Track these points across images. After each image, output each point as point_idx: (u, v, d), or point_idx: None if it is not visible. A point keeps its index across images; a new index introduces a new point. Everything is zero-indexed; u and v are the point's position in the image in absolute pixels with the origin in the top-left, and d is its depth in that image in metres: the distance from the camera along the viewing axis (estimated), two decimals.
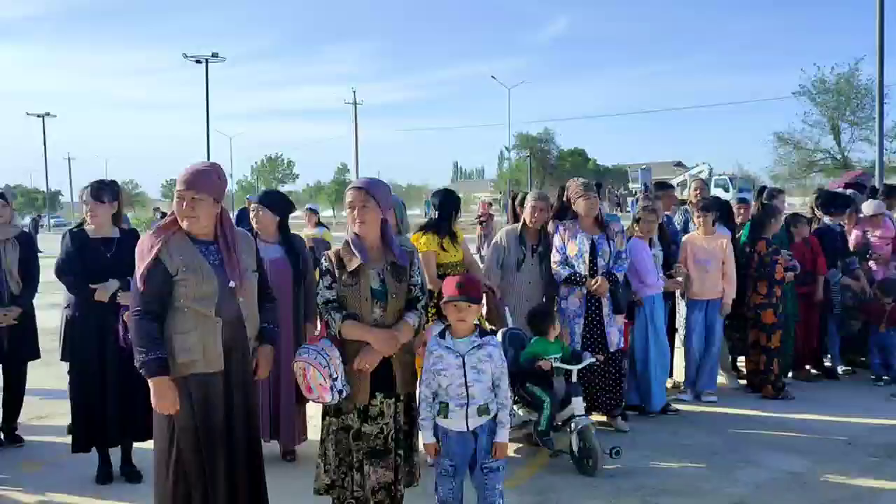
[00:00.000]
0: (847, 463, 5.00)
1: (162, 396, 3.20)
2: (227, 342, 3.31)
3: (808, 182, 38.58)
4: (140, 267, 3.24)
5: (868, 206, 7.76)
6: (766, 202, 6.98)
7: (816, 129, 37.87)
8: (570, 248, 5.62)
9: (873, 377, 7.10)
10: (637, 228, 6.24)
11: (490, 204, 15.57)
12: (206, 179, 3.30)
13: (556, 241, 5.69)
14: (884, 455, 5.15)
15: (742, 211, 7.24)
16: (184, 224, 3.31)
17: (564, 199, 5.85)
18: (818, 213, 7.70)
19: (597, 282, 5.53)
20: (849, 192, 8.36)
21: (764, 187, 7.92)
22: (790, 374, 7.08)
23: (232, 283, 3.31)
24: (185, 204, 3.27)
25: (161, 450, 3.33)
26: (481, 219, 20.80)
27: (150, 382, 3.20)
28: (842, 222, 7.67)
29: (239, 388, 3.38)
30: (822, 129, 37.85)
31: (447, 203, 5.48)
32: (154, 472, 3.39)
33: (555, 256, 5.67)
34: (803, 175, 36.80)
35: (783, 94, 37.96)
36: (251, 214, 5.11)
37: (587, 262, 5.59)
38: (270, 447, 5.18)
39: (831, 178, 30.36)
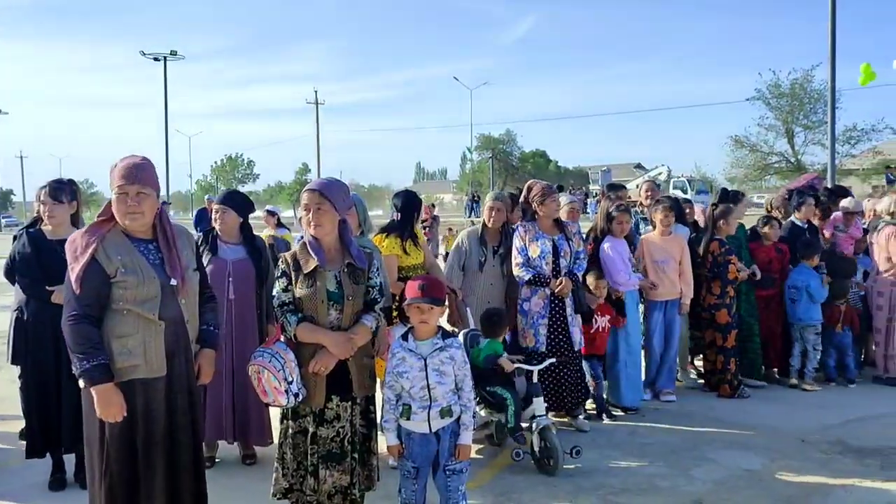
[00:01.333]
0: (801, 460, 5.10)
1: (108, 404, 3.03)
2: (169, 345, 3.17)
3: (763, 184, 39.44)
4: (75, 268, 3.06)
5: (848, 202, 8.01)
6: (718, 203, 7.01)
7: (771, 133, 38.90)
8: (531, 249, 5.65)
9: (826, 381, 7.12)
10: (611, 227, 6.30)
11: (433, 206, 15.22)
12: (148, 173, 3.16)
13: (517, 242, 5.70)
14: (835, 451, 5.26)
15: (688, 210, 7.34)
16: (126, 221, 3.14)
17: (525, 200, 5.87)
18: (779, 213, 7.81)
19: (561, 282, 5.57)
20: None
21: (725, 189, 8.03)
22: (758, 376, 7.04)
23: (174, 282, 3.17)
24: (129, 200, 3.10)
25: (91, 457, 3.18)
26: (424, 223, 20.62)
27: (94, 391, 3.03)
28: (810, 219, 7.61)
29: (182, 393, 3.24)
30: (777, 133, 38.89)
31: (408, 204, 5.44)
32: (87, 480, 3.26)
33: (516, 259, 5.69)
34: (758, 177, 37.63)
35: (741, 98, 38.68)
36: (214, 215, 5.05)
37: (550, 263, 5.63)
38: (231, 450, 5.13)
39: (786, 181, 31.07)
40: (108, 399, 3.04)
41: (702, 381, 7.12)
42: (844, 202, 8.05)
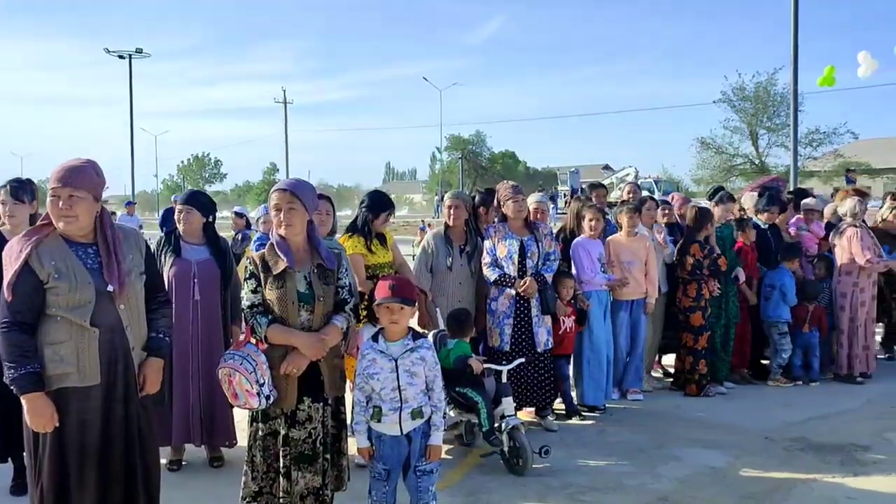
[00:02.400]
0: (765, 457, 5.19)
1: (38, 414, 2.94)
2: (106, 353, 3.06)
3: (728, 185, 40.02)
4: (7, 274, 2.97)
5: (809, 201, 8.23)
6: (699, 206, 7.04)
7: (736, 135, 39.55)
8: (499, 249, 5.70)
9: (791, 379, 7.21)
10: (581, 227, 6.34)
11: None
12: (84, 176, 3.06)
13: (487, 243, 5.76)
14: (797, 448, 5.37)
15: (666, 212, 7.42)
16: (60, 225, 3.04)
17: (496, 200, 5.90)
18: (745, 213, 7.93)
19: (525, 283, 5.61)
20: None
21: (720, 187, 8.09)
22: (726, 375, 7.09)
23: (110, 288, 3.05)
24: (61, 203, 3.01)
25: (30, 466, 3.10)
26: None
27: (24, 400, 2.94)
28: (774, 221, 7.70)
29: (120, 402, 3.12)
30: (742, 135, 39.55)
31: (371, 205, 5.42)
32: (28, 488, 3.18)
33: (485, 258, 5.74)
34: (724, 179, 38.16)
35: (707, 101, 39.31)
36: (178, 215, 5.00)
37: (516, 263, 5.66)
38: (198, 453, 5.08)
39: (750, 182, 31.52)
40: (37, 409, 2.95)
41: (669, 379, 7.22)
42: (806, 200, 8.25)
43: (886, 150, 44.83)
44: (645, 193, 8.13)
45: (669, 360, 7.50)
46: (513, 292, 5.67)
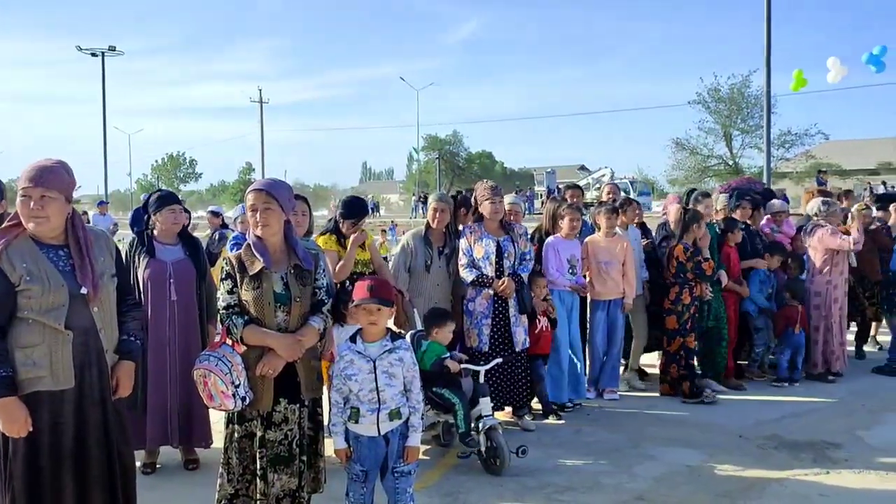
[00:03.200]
0: (739, 455, 5.24)
1: (11, 419, 2.89)
2: (79, 356, 3.02)
3: (703, 186, 40.41)
4: None
5: (775, 202, 8.32)
6: (688, 207, 6.99)
7: (711, 136, 40.00)
8: (476, 250, 5.71)
9: (776, 380, 7.23)
10: (557, 227, 6.36)
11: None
12: (56, 176, 3.01)
13: (463, 243, 5.76)
14: (771, 446, 5.43)
15: (637, 212, 7.46)
16: (30, 226, 2.98)
17: (474, 200, 5.91)
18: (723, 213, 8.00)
19: (503, 283, 5.62)
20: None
21: (693, 189, 8.12)
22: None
23: (84, 290, 3.01)
24: (32, 203, 2.96)
25: (0, 471, 3.04)
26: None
27: None
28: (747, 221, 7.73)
29: (95, 406, 3.08)
30: (716, 136, 40.02)
31: (346, 209, 5.46)
32: None
33: (461, 259, 5.74)
34: (698, 179, 38.56)
35: (682, 102, 39.68)
36: (171, 217, 4.94)
37: (493, 263, 5.68)
38: (172, 455, 5.03)
39: (723, 182, 31.85)
40: (10, 414, 2.90)
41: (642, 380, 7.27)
42: (771, 202, 8.35)
43: (856, 152, 45.62)
44: (620, 195, 8.17)
45: (649, 359, 7.56)
46: (491, 292, 5.68)
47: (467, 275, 5.69)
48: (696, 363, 6.87)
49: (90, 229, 3.23)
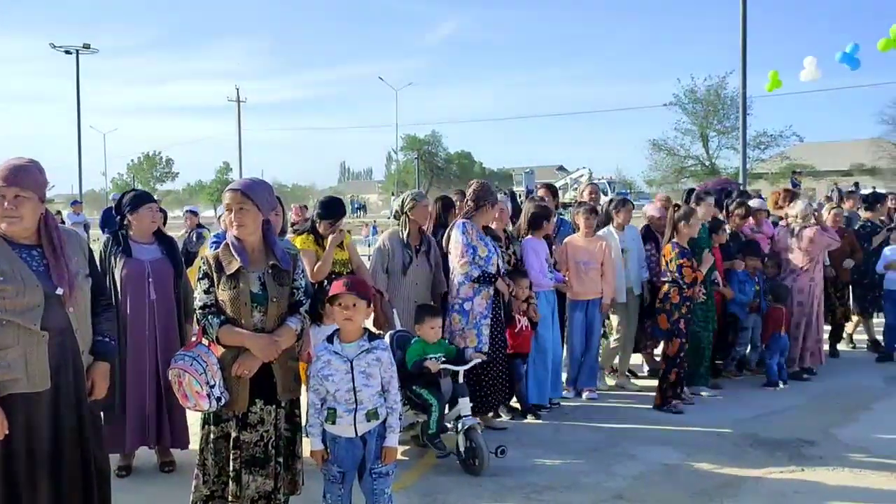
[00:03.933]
0: (716, 453, 5.28)
1: None
2: (54, 357, 2.98)
3: (680, 187, 40.75)
4: None
5: (753, 202, 8.41)
6: (680, 204, 6.83)
7: (688, 137, 40.33)
8: (479, 249, 5.67)
9: (767, 384, 7.19)
10: (538, 227, 6.38)
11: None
12: (29, 175, 2.98)
13: (463, 239, 5.64)
14: (748, 444, 5.48)
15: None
16: (2, 226, 2.95)
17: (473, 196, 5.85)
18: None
19: (508, 283, 5.72)
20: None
21: (692, 189, 8.14)
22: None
23: (59, 291, 2.97)
24: (6, 203, 2.93)
25: None
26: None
27: None
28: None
29: (70, 408, 3.05)
30: (693, 137, 40.34)
31: (324, 209, 5.47)
32: None
33: (464, 256, 5.62)
34: (675, 180, 38.87)
35: (660, 103, 39.92)
36: (152, 216, 4.90)
37: (496, 264, 5.71)
38: (148, 457, 4.97)
39: (700, 182, 32.15)
40: None
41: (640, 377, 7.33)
42: (752, 201, 8.46)
43: (830, 154, 46.22)
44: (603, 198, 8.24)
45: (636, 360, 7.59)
46: (491, 291, 5.67)
47: (472, 270, 5.61)
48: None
49: (63, 229, 3.19)
